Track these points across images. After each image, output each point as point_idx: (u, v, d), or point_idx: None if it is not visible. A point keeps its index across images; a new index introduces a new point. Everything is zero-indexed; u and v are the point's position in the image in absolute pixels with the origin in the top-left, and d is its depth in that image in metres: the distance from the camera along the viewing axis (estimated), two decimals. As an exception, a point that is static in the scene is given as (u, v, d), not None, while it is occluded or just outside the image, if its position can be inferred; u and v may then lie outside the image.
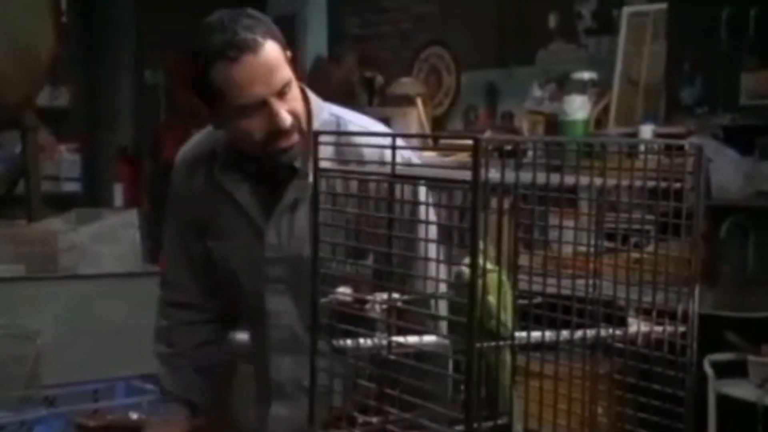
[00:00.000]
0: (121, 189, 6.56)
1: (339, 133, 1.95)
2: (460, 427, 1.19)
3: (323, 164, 1.37)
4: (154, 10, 6.41)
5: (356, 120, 2.03)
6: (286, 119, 1.87)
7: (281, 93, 1.87)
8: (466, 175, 1.16)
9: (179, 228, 2.14)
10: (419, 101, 5.02)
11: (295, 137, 1.91)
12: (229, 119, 1.89)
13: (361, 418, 1.35)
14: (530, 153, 1.39)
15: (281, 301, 2.03)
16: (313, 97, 1.99)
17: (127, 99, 6.73)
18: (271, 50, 1.85)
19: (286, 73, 1.87)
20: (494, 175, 1.27)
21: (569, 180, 1.30)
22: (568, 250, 1.60)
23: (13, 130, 5.10)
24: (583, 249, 1.53)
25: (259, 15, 1.90)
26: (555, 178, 1.33)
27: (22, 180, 4.93)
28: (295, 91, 1.91)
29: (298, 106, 1.91)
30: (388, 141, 1.27)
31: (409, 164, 1.69)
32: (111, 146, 6.77)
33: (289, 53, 1.91)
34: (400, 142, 1.29)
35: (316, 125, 1.94)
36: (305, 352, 2.02)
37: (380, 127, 2.02)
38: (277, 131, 1.88)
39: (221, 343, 2.24)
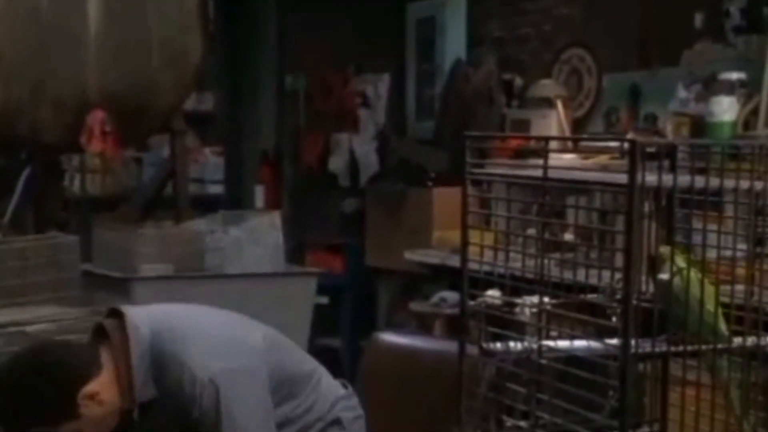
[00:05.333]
0: (262, 191, 6.70)
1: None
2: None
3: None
4: (296, 17, 6.52)
5: (176, 353, 2.14)
6: None
7: None
8: (621, 178, 1.14)
9: None
10: (559, 103, 4.94)
11: None
12: None
13: (509, 422, 1.35)
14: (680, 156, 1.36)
15: None
16: (134, 354, 2.12)
17: (269, 104, 6.86)
18: None
19: None
20: (648, 178, 1.24)
21: (728, 183, 1.27)
22: (716, 254, 1.55)
23: (162, 134, 5.28)
24: (738, 254, 1.48)
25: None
26: (712, 182, 1.30)
27: (169, 182, 5.09)
28: None
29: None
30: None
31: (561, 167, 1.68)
32: (253, 150, 6.91)
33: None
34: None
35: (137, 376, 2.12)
36: None
37: (202, 344, 2.16)
38: None
39: None
